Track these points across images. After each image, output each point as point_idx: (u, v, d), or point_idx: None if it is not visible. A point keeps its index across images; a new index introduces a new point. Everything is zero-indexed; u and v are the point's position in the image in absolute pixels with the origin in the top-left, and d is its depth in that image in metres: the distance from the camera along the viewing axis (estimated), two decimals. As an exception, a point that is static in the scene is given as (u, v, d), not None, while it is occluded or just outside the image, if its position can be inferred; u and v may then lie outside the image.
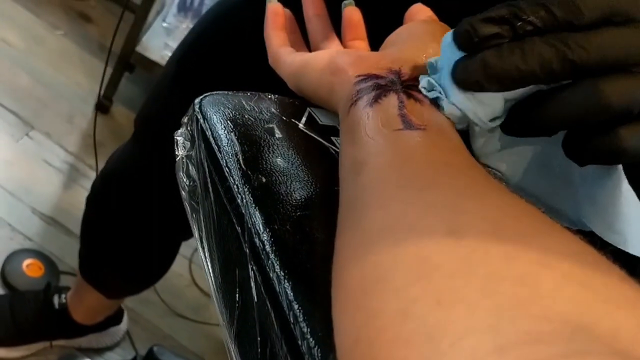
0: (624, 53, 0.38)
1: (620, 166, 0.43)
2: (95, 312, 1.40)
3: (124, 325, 1.50)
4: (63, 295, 1.39)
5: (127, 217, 1.14)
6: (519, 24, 0.39)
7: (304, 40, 0.58)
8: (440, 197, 0.34)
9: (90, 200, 1.22)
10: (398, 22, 0.55)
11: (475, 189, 0.35)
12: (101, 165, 1.72)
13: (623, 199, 0.43)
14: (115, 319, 1.46)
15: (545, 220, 0.33)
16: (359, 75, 0.45)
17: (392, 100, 0.42)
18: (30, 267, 1.52)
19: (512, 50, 0.39)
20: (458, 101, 0.42)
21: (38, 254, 1.55)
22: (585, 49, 0.38)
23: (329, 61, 0.48)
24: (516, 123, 0.42)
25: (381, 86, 0.43)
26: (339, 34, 0.57)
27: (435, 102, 0.43)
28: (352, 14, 0.57)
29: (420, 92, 0.43)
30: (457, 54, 0.41)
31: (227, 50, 0.86)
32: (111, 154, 1.18)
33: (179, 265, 1.30)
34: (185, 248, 1.30)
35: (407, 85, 0.44)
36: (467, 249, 0.30)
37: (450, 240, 0.31)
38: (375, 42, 0.54)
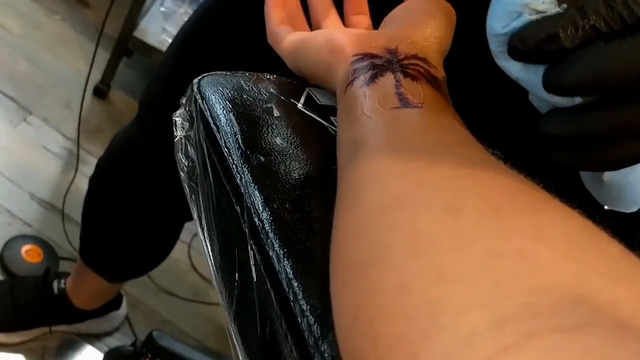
0: None
1: None
2: (96, 297, 1.40)
3: (123, 310, 1.50)
4: (62, 281, 1.39)
5: (130, 198, 1.14)
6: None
7: (306, 18, 0.58)
8: (437, 175, 0.34)
9: (92, 180, 1.22)
10: None
11: (471, 166, 0.35)
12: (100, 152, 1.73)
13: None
14: (114, 304, 1.46)
15: (543, 196, 0.33)
16: (356, 55, 0.45)
17: (388, 79, 0.42)
18: (29, 253, 1.52)
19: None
20: None
21: (37, 240, 1.55)
22: None
23: (327, 39, 0.48)
24: None
25: (378, 65, 0.43)
26: (341, 14, 0.57)
27: (433, 80, 0.43)
28: None
29: (416, 70, 0.43)
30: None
31: (229, 31, 0.85)
32: (114, 135, 1.18)
33: (178, 250, 1.30)
34: (184, 233, 1.29)
35: (404, 64, 0.44)
36: (464, 224, 0.30)
37: (447, 217, 0.31)
38: (377, 20, 0.54)
